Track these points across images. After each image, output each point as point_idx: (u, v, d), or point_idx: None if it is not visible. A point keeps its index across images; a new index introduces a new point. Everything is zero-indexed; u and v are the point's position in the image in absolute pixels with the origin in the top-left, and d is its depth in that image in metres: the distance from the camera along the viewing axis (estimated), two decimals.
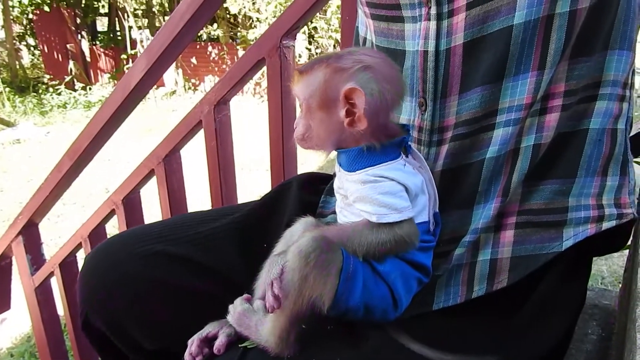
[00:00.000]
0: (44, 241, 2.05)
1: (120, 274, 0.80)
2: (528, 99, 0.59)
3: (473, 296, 0.63)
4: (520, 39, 0.57)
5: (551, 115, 0.60)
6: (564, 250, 0.62)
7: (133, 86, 1.28)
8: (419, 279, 0.63)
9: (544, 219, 0.62)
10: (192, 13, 1.12)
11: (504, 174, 0.61)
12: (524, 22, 0.57)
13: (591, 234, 0.63)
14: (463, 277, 0.63)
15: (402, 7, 0.65)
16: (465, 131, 0.62)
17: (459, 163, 0.64)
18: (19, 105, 9.40)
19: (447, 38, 0.61)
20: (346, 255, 0.59)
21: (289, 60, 1.19)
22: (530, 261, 0.62)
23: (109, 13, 12.25)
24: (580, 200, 0.63)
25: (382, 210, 0.59)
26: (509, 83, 0.59)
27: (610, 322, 0.95)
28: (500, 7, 0.57)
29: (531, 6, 0.56)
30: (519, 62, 0.58)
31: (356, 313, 0.61)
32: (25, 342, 2.99)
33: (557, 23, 0.57)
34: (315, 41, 8.63)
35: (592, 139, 0.62)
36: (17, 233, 1.92)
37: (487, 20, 0.58)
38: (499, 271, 0.62)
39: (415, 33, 0.64)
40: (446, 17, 0.60)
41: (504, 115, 0.60)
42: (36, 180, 5.72)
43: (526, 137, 0.61)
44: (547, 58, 0.58)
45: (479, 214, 0.63)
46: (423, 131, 0.65)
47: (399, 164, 0.62)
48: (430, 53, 0.62)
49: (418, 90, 0.65)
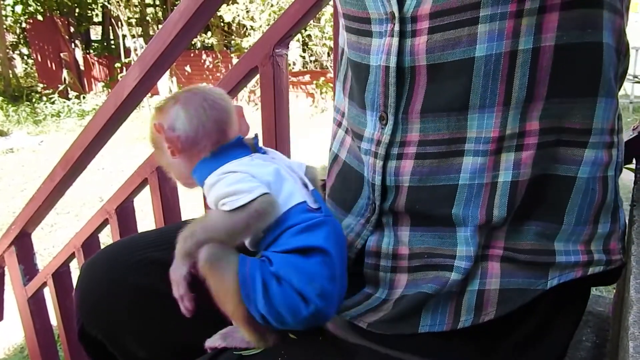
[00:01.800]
0: (37, 251, 2.04)
1: (117, 283, 0.79)
2: (495, 132, 0.58)
3: (459, 327, 0.62)
4: (482, 72, 0.57)
5: (527, 153, 0.59)
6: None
7: (126, 95, 1.28)
8: (320, 262, 0.60)
9: (529, 259, 0.62)
10: (186, 21, 1.12)
11: (481, 206, 0.60)
12: (485, 56, 0.56)
13: (577, 277, 0.62)
14: (451, 306, 0.62)
15: (372, 21, 0.65)
16: (433, 151, 0.62)
17: (427, 183, 0.63)
18: (12, 115, 9.37)
19: (410, 57, 0.60)
20: (241, 257, 0.61)
21: (281, 69, 1.20)
22: (518, 295, 0.61)
23: (102, 22, 12.27)
24: (568, 246, 0.62)
25: (232, 198, 0.61)
26: (474, 114, 0.59)
27: (605, 329, 0.95)
28: (462, 37, 0.57)
29: (492, 40, 0.56)
30: (484, 95, 0.58)
31: (272, 319, 0.59)
32: (19, 352, 2.97)
33: (521, 59, 0.56)
34: (309, 49, 8.67)
35: (581, 187, 0.61)
36: (10, 243, 1.90)
37: (448, 48, 0.58)
38: (487, 303, 0.61)
39: (379, 48, 0.64)
40: (409, 37, 0.60)
41: (472, 144, 0.60)
42: (29, 190, 5.69)
43: (503, 173, 0.60)
44: (512, 94, 0.57)
45: (462, 237, 0.62)
46: (381, 144, 0.65)
47: (244, 160, 0.66)
48: (391, 69, 0.62)
49: (379, 104, 0.65)
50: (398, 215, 0.66)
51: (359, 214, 0.72)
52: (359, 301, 0.68)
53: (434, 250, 0.64)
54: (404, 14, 0.60)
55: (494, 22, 0.55)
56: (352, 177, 0.74)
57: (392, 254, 0.67)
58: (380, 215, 0.68)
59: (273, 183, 0.63)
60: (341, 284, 0.62)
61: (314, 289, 0.59)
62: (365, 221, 0.70)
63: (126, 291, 0.79)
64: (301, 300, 0.58)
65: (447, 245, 0.63)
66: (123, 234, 1.60)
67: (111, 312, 0.80)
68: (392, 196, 0.66)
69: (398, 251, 0.66)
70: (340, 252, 0.63)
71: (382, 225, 0.69)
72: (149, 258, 0.80)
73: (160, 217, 1.49)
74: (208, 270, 0.60)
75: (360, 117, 0.70)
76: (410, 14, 0.60)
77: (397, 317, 0.63)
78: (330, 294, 0.60)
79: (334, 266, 0.61)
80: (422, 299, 0.62)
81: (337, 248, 0.62)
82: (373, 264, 0.68)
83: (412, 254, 0.65)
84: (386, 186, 0.66)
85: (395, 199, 0.66)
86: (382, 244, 0.68)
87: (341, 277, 0.62)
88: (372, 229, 0.69)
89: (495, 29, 0.55)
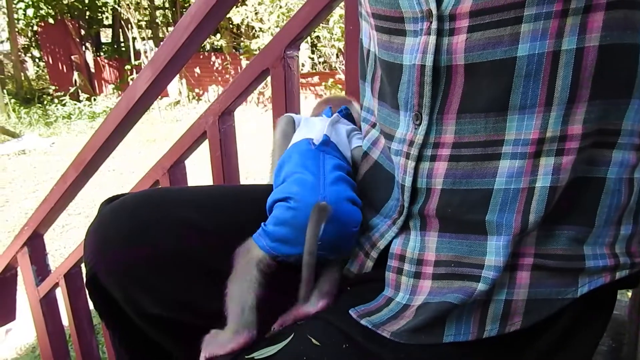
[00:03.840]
0: (49, 252, 2.05)
1: (144, 234, 0.74)
2: (535, 134, 0.57)
3: (484, 336, 0.60)
4: (524, 72, 0.55)
5: (568, 158, 0.57)
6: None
7: (138, 97, 1.29)
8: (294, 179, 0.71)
9: (560, 265, 0.60)
10: (197, 24, 1.13)
11: (517, 212, 0.59)
12: (528, 55, 0.55)
13: (606, 282, 0.61)
14: (476, 315, 0.61)
15: (405, 20, 0.63)
16: (468, 153, 0.60)
17: (460, 187, 0.62)
18: (24, 117, 9.47)
19: (447, 55, 0.59)
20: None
21: (293, 71, 1.20)
22: (545, 305, 0.60)
23: (113, 24, 12.36)
24: (595, 249, 0.61)
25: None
26: (514, 115, 0.57)
27: (621, 333, 0.94)
28: (503, 36, 0.55)
29: (535, 40, 0.54)
30: (525, 96, 0.56)
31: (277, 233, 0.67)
32: (30, 352, 2.99)
33: (564, 60, 0.55)
34: (318, 50, 8.67)
35: (609, 188, 0.60)
36: (23, 244, 1.92)
37: (488, 47, 0.56)
38: (514, 313, 0.60)
39: (414, 47, 0.62)
40: (447, 35, 0.59)
41: (510, 147, 0.58)
42: (41, 191, 5.75)
43: (542, 178, 0.58)
44: (555, 94, 0.56)
45: (494, 246, 0.60)
46: (414, 145, 0.63)
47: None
48: (427, 68, 0.60)
49: (413, 104, 0.63)
50: (427, 219, 0.65)
51: (387, 215, 0.70)
52: (379, 307, 0.66)
53: (462, 259, 0.62)
54: (441, 11, 0.59)
55: (539, 22, 0.54)
56: (383, 177, 0.73)
57: (417, 259, 0.65)
58: (407, 218, 0.67)
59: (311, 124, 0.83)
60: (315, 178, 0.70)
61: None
62: (392, 222, 0.69)
63: (152, 245, 0.74)
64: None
65: (476, 254, 0.61)
66: None
67: (131, 263, 0.74)
68: (422, 199, 0.64)
69: (424, 257, 0.65)
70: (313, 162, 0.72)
71: (409, 229, 0.67)
72: (182, 216, 0.76)
73: None
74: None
75: (392, 118, 0.69)
76: (449, 12, 0.58)
77: (421, 326, 0.62)
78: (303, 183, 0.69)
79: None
80: (447, 308, 0.61)
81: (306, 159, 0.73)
82: (396, 267, 0.67)
83: (438, 261, 0.64)
84: (417, 188, 0.64)
85: (425, 201, 0.64)
86: (407, 248, 0.66)
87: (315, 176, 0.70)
88: (397, 230, 0.68)
89: (540, 28, 0.54)
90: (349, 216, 0.69)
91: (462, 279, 0.62)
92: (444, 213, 0.63)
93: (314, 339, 0.63)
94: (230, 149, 1.35)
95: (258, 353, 0.63)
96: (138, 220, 0.75)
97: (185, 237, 0.76)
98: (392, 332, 0.63)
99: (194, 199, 0.81)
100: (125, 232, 0.75)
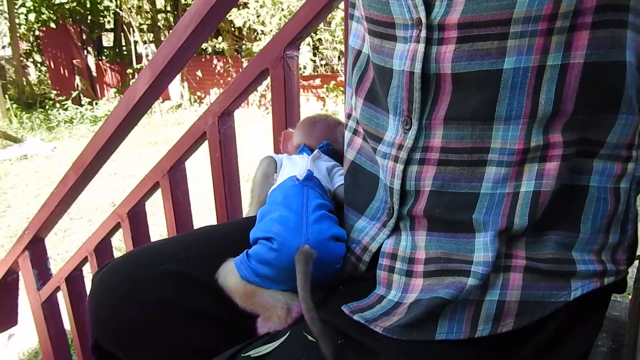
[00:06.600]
0: (50, 256, 2.05)
1: (133, 295, 0.79)
2: (520, 145, 0.58)
3: (476, 335, 0.61)
4: (510, 84, 0.57)
5: (551, 164, 0.59)
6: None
7: (137, 99, 1.28)
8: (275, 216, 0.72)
9: (552, 268, 0.61)
10: (196, 25, 1.12)
11: (502, 215, 0.60)
12: (514, 69, 0.56)
13: (596, 287, 0.63)
14: (469, 314, 0.62)
15: (396, 26, 0.65)
16: (455, 158, 0.62)
17: (449, 189, 0.63)
18: (26, 122, 9.48)
19: (435, 64, 0.60)
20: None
21: (292, 71, 1.19)
22: (538, 308, 0.61)
23: (114, 28, 12.39)
24: (584, 255, 0.63)
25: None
26: (499, 125, 0.59)
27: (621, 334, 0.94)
28: (490, 49, 0.56)
29: (521, 54, 0.56)
30: (510, 107, 0.58)
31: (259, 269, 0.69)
32: (33, 357, 2.99)
33: (548, 75, 0.56)
34: (320, 53, 8.68)
35: (593, 196, 0.61)
36: (24, 248, 1.92)
37: (476, 58, 0.57)
38: (506, 314, 0.61)
39: (403, 53, 0.63)
40: (435, 44, 0.60)
41: (496, 155, 0.60)
42: (43, 196, 5.75)
43: (526, 183, 0.60)
44: (539, 107, 0.57)
45: (481, 243, 0.62)
46: (403, 149, 0.65)
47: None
48: (416, 75, 0.62)
49: (403, 109, 0.65)
50: (416, 219, 0.66)
51: (373, 217, 0.71)
52: (371, 304, 0.67)
53: (451, 255, 0.63)
54: (431, 20, 0.60)
55: (524, 39, 0.55)
56: (363, 178, 0.74)
57: (408, 257, 0.66)
58: (398, 219, 0.68)
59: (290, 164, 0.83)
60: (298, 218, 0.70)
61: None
62: (382, 225, 0.70)
63: (142, 304, 0.78)
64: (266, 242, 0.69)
65: (464, 250, 0.63)
66: (135, 238, 1.61)
67: (126, 325, 0.79)
68: (411, 201, 0.66)
69: (415, 255, 0.66)
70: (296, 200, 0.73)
71: (400, 229, 0.68)
72: (167, 270, 0.79)
73: (171, 220, 1.49)
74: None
75: (379, 119, 0.70)
76: (438, 22, 0.59)
77: (413, 322, 0.62)
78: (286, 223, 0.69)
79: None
80: (439, 304, 0.62)
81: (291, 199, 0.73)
82: (388, 266, 0.68)
83: (428, 259, 0.65)
84: (406, 190, 0.66)
85: (414, 203, 0.65)
86: (399, 247, 0.67)
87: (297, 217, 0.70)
88: (389, 232, 0.69)
89: (525, 44, 0.55)
90: (332, 255, 0.70)
91: (453, 275, 0.63)
92: (432, 213, 0.64)
93: (309, 336, 0.64)
94: (230, 150, 1.35)
95: (255, 351, 0.64)
96: (124, 284, 0.81)
97: (170, 289, 0.79)
98: (385, 327, 0.63)
99: (177, 249, 0.84)
100: (112, 300, 0.80)
